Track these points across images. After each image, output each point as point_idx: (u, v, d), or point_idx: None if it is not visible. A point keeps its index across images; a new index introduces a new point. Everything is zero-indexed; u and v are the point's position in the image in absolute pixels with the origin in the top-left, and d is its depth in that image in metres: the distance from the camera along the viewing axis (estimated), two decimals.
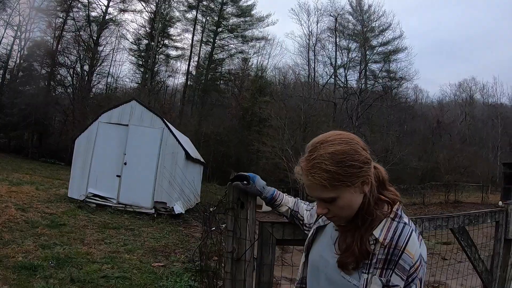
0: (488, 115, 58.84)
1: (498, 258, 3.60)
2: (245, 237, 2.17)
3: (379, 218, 1.30)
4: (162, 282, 5.37)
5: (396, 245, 1.23)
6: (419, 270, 1.24)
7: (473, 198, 29.59)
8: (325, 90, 42.04)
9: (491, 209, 3.75)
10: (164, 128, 11.17)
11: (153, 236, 8.22)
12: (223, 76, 41.79)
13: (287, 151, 22.23)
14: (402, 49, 44.02)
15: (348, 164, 1.24)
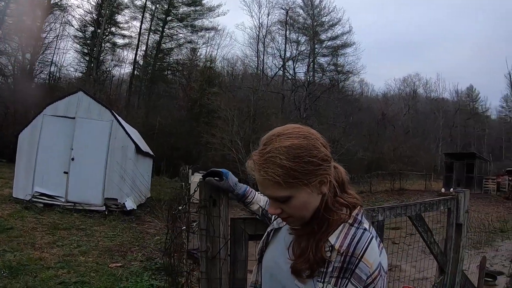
0: (430, 109, 62.02)
1: (451, 241, 3.91)
2: (218, 235, 2.08)
3: (336, 222, 1.18)
4: (122, 284, 5.15)
5: (353, 253, 1.11)
6: (378, 281, 1.11)
7: (417, 185, 31.14)
8: (274, 82, 42.33)
9: (444, 197, 4.03)
10: (113, 121, 10.63)
11: (106, 235, 7.86)
12: (171, 66, 40.64)
13: (236, 143, 22.17)
14: (350, 44, 45.34)
15: (305, 160, 1.12)
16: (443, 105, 63.36)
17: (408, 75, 74.04)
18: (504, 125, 65.42)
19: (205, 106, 31.18)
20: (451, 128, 61.07)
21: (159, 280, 5.45)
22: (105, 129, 10.44)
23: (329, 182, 1.18)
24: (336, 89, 44.48)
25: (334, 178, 1.22)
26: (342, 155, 28.73)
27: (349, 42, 45.29)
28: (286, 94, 41.56)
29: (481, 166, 31.43)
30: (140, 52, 38.98)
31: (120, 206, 10.15)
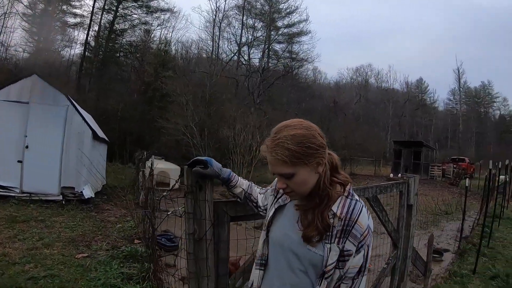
0: (381, 99, 64.23)
1: (402, 220, 4.36)
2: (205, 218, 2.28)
3: (334, 196, 1.54)
4: (92, 274, 5.04)
5: (350, 217, 1.51)
6: (367, 238, 1.52)
7: (367, 171, 32.29)
8: (228, 67, 42.03)
9: (396, 181, 4.45)
10: (69, 106, 10.16)
11: (67, 225, 7.58)
12: (124, 48, 38.90)
13: (191, 128, 21.92)
14: (306, 32, 45.75)
15: (306, 145, 1.47)
16: (393, 96, 65.87)
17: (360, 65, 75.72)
18: (451, 116, 69.01)
19: (158, 90, 30.49)
20: (400, 117, 63.49)
21: (128, 268, 5.37)
22: (60, 114, 9.96)
23: (324, 164, 1.53)
24: (290, 76, 44.85)
25: (329, 161, 1.58)
26: None
27: (305, 31, 45.72)
28: (240, 80, 41.39)
29: (428, 154, 32.95)
30: (92, 33, 36.94)
31: (77, 194, 9.78)
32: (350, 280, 1.53)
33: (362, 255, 1.51)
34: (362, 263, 1.52)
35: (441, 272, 6.22)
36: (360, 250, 1.50)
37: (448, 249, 7.69)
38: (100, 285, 4.64)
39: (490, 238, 8.14)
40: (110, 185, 13.61)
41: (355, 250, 1.50)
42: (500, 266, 6.36)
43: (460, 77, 68.24)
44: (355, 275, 1.53)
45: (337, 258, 1.49)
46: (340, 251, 1.49)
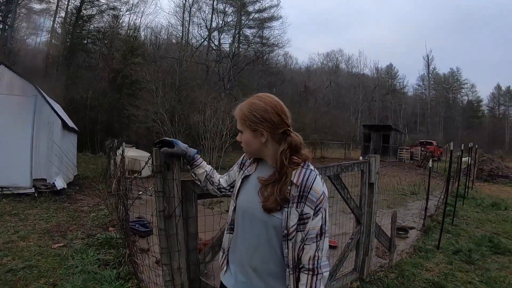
0: (351, 83, 64.97)
1: (365, 198, 4.64)
2: (173, 196, 2.51)
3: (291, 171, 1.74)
4: (69, 262, 5.07)
5: (306, 184, 1.72)
6: (323, 202, 1.74)
7: (337, 154, 32.81)
8: (198, 52, 41.68)
9: (357, 161, 4.79)
10: (38, 96, 9.86)
11: (41, 217, 7.50)
12: (92, 35, 37.65)
13: (162, 114, 21.79)
14: (277, 17, 45.71)
15: (253, 113, 1.77)
16: (364, 81, 66.85)
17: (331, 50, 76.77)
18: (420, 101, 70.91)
19: (128, 77, 29.97)
20: (370, 102, 64.48)
21: (104, 254, 5.43)
22: (29, 105, 9.66)
23: (266, 137, 1.78)
24: (260, 61, 44.79)
25: (289, 143, 1.77)
26: None
27: (276, 16, 45.76)
28: (211, 65, 41.14)
29: (396, 137, 33.58)
30: (59, 19, 35.67)
31: (49, 186, 9.61)
32: (312, 242, 1.73)
33: (320, 217, 1.74)
34: (321, 224, 1.75)
35: (406, 248, 6.54)
36: (317, 213, 1.73)
37: (413, 227, 8.02)
38: (78, 272, 4.67)
39: (454, 216, 8.59)
40: (82, 175, 13.51)
41: (313, 213, 1.72)
42: (463, 242, 6.75)
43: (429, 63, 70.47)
44: (316, 236, 1.74)
45: (297, 221, 1.71)
46: (299, 215, 1.71)
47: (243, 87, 40.42)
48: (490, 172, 19.54)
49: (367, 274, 4.85)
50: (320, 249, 1.75)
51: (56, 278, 4.56)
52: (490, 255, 6.19)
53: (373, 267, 5.31)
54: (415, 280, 4.96)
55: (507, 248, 6.51)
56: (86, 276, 4.46)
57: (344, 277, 4.56)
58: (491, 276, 5.15)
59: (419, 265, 5.55)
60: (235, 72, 41.63)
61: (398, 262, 5.65)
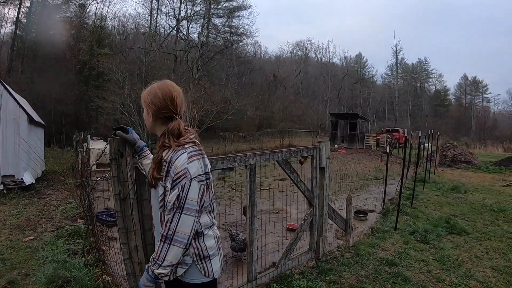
0: (320, 72, 65.69)
1: (316, 181, 4.90)
2: (127, 180, 2.74)
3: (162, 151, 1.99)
4: (40, 254, 5.27)
5: (171, 161, 1.91)
6: (183, 179, 1.85)
7: (305, 142, 33.07)
8: (166, 42, 41.37)
9: (308, 146, 5.10)
10: (3, 91, 9.76)
11: (11, 213, 7.60)
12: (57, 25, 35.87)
13: (129, 106, 21.74)
14: (246, 6, 45.47)
15: (147, 95, 2.06)
16: (333, 69, 67.49)
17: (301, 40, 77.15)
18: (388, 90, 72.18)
19: (95, 68, 29.60)
20: (339, 90, 65.27)
21: (73, 244, 5.64)
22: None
23: (152, 115, 2.05)
24: (229, 50, 44.77)
25: (168, 128, 2.01)
26: (234, 114, 29.65)
27: (245, 5, 45.60)
28: (179, 55, 40.88)
29: (363, 125, 34.25)
30: (23, 9, 34.25)
31: (18, 182, 9.62)
32: (168, 213, 1.87)
33: (175, 192, 1.85)
34: (176, 199, 1.85)
35: (365, 230, 6.89)
36: (174, 188, 1.86)
37: (373, 210, 8.44)
38: (49, 262, 4.85)
39: (413, 199, 9.12)
40: (50, 170, 13.48)
41: (171, 187, 1.87)
42: (421, 223, 7.16)
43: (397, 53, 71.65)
44: (171, 209, 1.85)
45: (163, 192, 1.95)
46: (164, 188, 1.93)
47: (211, 76, 40.42)
48: (453, 158, 20.21)
49: (322, 254, 5.15)
50: (173, 222, 1.85)
51: (28, 269, 4.75)
52: (446, 235, 6.59)
53: (331, 247, 5.65)
54: (370, 259, 5.28)
55: (463, 228, 6.91)
56: (56, 265, 4.66)
57: (300, 256, 4.86)
58: (445, 255, 5.51)
59: (375, 245, 5.89)
60: (203, 61, 41.54)
61: (356, 243, 5.97)
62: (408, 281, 4.60)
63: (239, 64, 47.23)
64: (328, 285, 4.47)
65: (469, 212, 8.60)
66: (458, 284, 4.57)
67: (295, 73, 63.99)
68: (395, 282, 4.59)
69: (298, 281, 4.42)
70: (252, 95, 41.66)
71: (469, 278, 4.74)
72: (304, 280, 4.45)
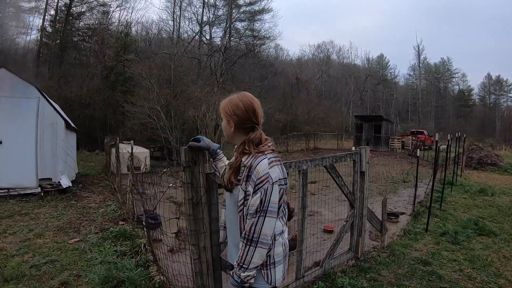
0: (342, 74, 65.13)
1: (357, 184, 5.14)
2: (199, 186, 2.97)
3: (242, 157, 2.09)
4: (88, 255, 5.39)
5: (251, 165, 1.99)
6: (265, 184, 1.93)
7: (330, 145, 33.05)
8: (190, 46, 41.69)
9: (350, 152, 5.34)
10: (40, 98, 10.07)
11: (51, 215, 7.77)
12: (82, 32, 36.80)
13: (157, 110, 21.92)
14: (268, 10, 45.58)
15: (228, 106, 2.16)
16: (355, 71, 67.00)
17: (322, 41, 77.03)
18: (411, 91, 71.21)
19: (121, 74, 30.00)
20: (361, 92, 64.76)
21: (120, 246, 5.75)
22: (32, 107, 9.88)
23: (234, 126, 2.15)
24: (252, 54, 44.87)
25: (249, 137, 2.12)
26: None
27: (267, 8, 45.69)
28: (202, 59, 41.17)
29: (388, 127, 33.91)
30: (48, 17, 34.87)
31: (55, 185, 9.86)
32: (251, 217, 1.95)
33: (258, 196, 1.93)
34: (259, 203, 1.93)
35: (397, 231, 7.08)
36: (257, 192, 1.94)
37: (404, 212, 8.59)
38: (99, 263, 4.97)
39: (442, 202, 9.15)
40: (82, 173, 13.75)
41: (253, 191, 1.95)
42: (450, 225, 7.34)
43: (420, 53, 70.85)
44: (254, 213, 1.94)
45: (243, 196, 2.01)
46: (244, 192, 2.00)
47: (235, 80, 40.54)
48: (479, 160, 19.87)
49: (361, 254, 5.38)
50: (258, 225, 1.94)
51: (78, 270, 4.87)
52: (475, 237, 6.74)
53: (367, 248, 5.82)
54: (405, 259, 5.50)
55: (491, 230, 7.04)
56: (108, 266, 4.76)
57: (341, 255, 5.10)
58: (474, 255, 5.70)
59: (408, 246, 6.11)
60: (227, 65, 41.72)
61: (390, 244, 6.19)
62: (442, 279, 4.82)
63: (262, 68, 47.27)
64: (369, 282, 4.68)
65: (496, 214, 8.66)
66: (488, 282, 4.76)
67: (317, 75, 63.80)
68: (430, 279, 4.81)
69: (340, 278, 4.63)
70: (276, 98, 41.65)
71: (498, 276, 4.94)
72: (346, 278, 4.67)
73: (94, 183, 12.12)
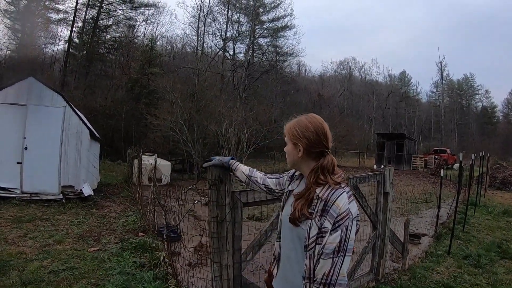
0: (364, 91, 64.65)
1: (380, 205, 5.03)
2: (225, 204, 2.94)
3: (315, 188, 1.85)
4: (107, 265, 5.39)
5: (330, 199, 1.77)
6: (346, 220, 1.72)
7: (351, 162, 32.65)
8: (213, 62, 42.13)
9: (374, 172, 5.22)
10: (66, 107, 10.29)
11: (72, 222, 7.84)
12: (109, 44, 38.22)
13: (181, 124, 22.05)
14: (290, 26, 45.98)
15: (296, 128, 1.96)
16: (377, 88, 66.51)
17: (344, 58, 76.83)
18: (434, 108, 69.92)
19: (146, 86, 30.44)
20: (383, 109, 64.15)
21: (139, 257, 5.75)
22: (58, 115, 10.10)
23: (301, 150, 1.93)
24: (274, 70, 45.05)
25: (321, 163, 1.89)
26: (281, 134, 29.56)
27: (290, 25, 46.10)
28: (226, 74, 41.51)
29: (410, 146, 33.52)
30: (76, 29, 36.04)
31: (77, 193, 9.99)
32: (328, 257, 1.71)
33: (338, 234, 1.70)
34: (339, 242, 1.70)
35: (419, 253, 6.86)
36: (337, 229, 1.71)
37: (426, 234, 8.28)
38: (117, 273, 4.96)
39: (465, 223, 8.90)
40: (104, 182, 13.89)
41: (331, 228, 1.71)
42: (473, 248, 7.08)
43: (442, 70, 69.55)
44: (332, 252, 1.70)
45: (317, 233, 1.76)
46: (319, 228, 1.75)
47: (258, 96, 40.71)
48: (503, 180, 19.35)
49: (382, 276, 5.23)
50: (337, 266, 1.73)
51: (97, 279, 4.86)
52: (498, 260, 6.49)
53: (388, 270, 5.65)
54: (426, 282, 5.30)
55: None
56: (126, 277, 4.74)
57: (362, 277, 4.96)
58: (497, 279, 5.47)
59: (430, 269, 5.91)
60: (250, 81, 41.95)
61: (411, 266, 6.01)
62: None
63: (284, 84, 47.38)
64: None
65: None
66: None
67: (339, 92, 63.62)
68: None
69: None
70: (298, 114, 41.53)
71: None
72: None
73: (115, 193, 12.23)
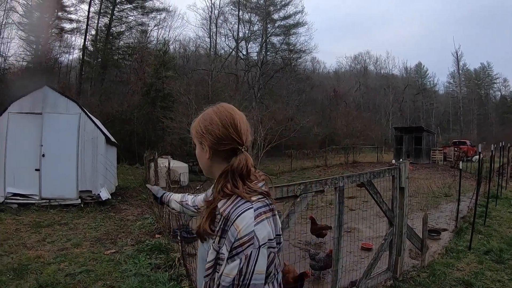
0: (380, 85, 63.96)
1: (396, 201, 4.93)
2: None
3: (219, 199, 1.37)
4: (123, 267, 5.49)
5: (229, 217, 1.29)
6: (247, 247, 1.24)
7: (369, 158, 32.29)
8: (227, 62, 42.28)
9: (389, 167, 5.11)
10: (81, 113, 10.60)
11: (89, 226, 8.04)
12: (122, 50, 38.79)
13: None
14: (302, 23, 45.88)
15: (199, 124, 1.50)
16: (393, 81, 65.66)
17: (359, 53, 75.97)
18: (452, 99, 68.63)
19: (161, 90, 30.74)
20: (400, 103, 63.34)
21: (155, 259, 5.82)
22: (73, 122, 10.39)
23: (208, 150, 1.45)
24: (288, 68, 44.98)
25: (231, 165, 1.40)
26: (298, 132, 29.56)
27: (302, 22, 46.05)
28: (240, 74, 41.60)
29: (429, 139, 32.98)
30: (89, 37, 36.70)
31: (95, 197, 10.25)
32: None
33: (236, 264, 1.25)
34: (238, 275, 1.25)
35: (439, 249, 6.67)
36: (234, 258, 1.26)
37: (446, 229, 8.07)
38: (133, 275, 5.06)
39: (486, 217, 8.63)
40: (122, 186, 14.10)
41: (228, 256, 1.27)
42: (495, 242, 6.80)
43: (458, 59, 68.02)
44: (230, 286, 1.25)
45: (214, 257, 1.33)
46: (216, 252, 1.32)
47: (273, 94, 40.72)
48: None
49: (400, 274, 5.10)
50: None
51: (112, 281, 4.97)
52: None
53: (406, 267, 5.53)
54: (446, 279, 5.14)
55: None
56: (141, 278, 4.84)
57: (379, 275, 4.84)
58: None
59: (450, 265, 5.73)
60: (264, 80, 41.97)
61: (430, 263, 5.85)
62: None
63: (299, 81, 47.28)
64: None
65: None
66: None
67: (355, 87, 63.12)
68: None
69: None
70: (314, 111, 41.48)
71: None
72: None
73: (133, 196, 12.40)
